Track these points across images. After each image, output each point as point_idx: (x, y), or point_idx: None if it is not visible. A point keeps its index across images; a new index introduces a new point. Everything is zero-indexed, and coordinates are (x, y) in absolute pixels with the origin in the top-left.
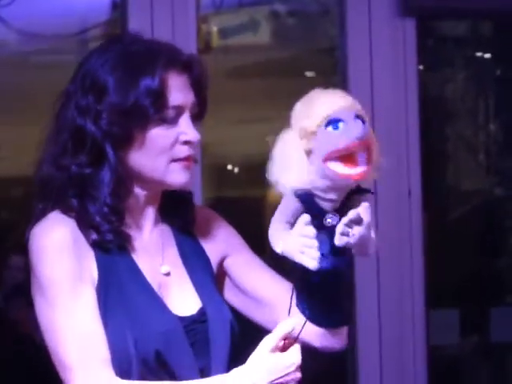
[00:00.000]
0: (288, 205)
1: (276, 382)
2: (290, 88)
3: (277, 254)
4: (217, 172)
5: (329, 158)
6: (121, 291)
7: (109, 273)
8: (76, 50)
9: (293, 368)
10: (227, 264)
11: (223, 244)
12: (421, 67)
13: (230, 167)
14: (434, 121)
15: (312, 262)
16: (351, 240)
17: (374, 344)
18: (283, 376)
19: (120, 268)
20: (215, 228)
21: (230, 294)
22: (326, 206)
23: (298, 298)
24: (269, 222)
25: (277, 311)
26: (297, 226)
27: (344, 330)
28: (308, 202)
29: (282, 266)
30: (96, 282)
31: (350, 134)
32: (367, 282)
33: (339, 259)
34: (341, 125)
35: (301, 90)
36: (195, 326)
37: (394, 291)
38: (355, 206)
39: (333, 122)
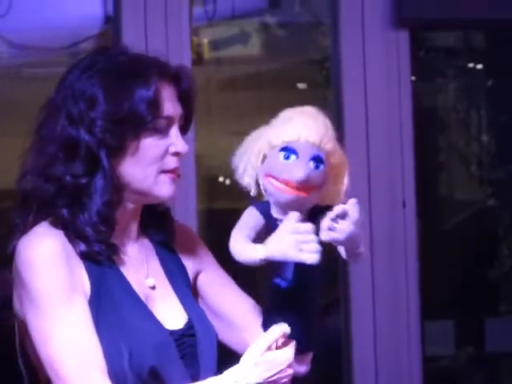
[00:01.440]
0: (247, 218)
1: (269, 379)
2: (281, 100)
3: (238, 266)
4: (208, 184)
5: (267, 175)
6: (113, 303)
7: (100, 285)
8: (67, 62)
9: (285, 365)
10: (199, 281)
11: (198, 261)
12: (413, 78)
13: (221, 179)
14: (427, 131)
15: (314, 256)
16: (339, 235)
17: (369, 355)
18: (276, 373)
19: (110, 280)
20: (192, 244)
21: None
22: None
23: (264, 319)
24: None
25: (246, 333)
26: (286, 224)
27: (309, 355)
28: (269, 216)
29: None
30: (88, 294)
31: (293, 172)
32: (362, 292)
33: (306, 276)
34: (292, 158)
35: (292, 102)
36: (184, 339)
37: (388, 302)
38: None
39: (287, 151)
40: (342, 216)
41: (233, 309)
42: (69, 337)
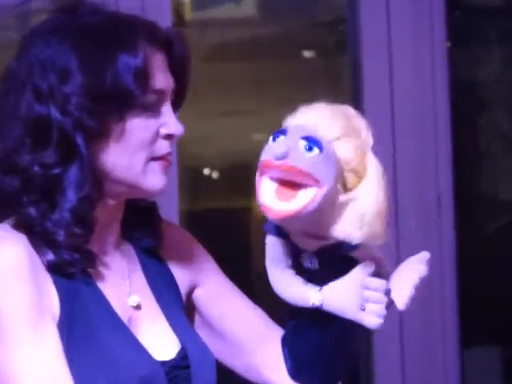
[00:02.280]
0: (270, 250)
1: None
2: (282, 73)
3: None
4: (191, 177)
5: (262, 173)
6: (88, 328)
7: (72, 304)
8: (15, 25)
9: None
10: (197, 295)
11: (195, 270)
12: (448, 44)
13: (206, 171)
14: (465, 111)
15: (376, 320)
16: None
17: None
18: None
19: (85, 298)
20: (185, 249)
21: (200, 334)
22: (301, 243)
23: (284, 343)
24: (255, 240)
25: (258, 358)
26: (355, 275)
27: None
28: (282, 235)
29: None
30: (58, 316)
31: (273, 148)
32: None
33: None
34: (280, 138)
35: (297, 75)
36: (177, 372)
37: (419, 325)
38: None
39: (277, 133)
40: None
41: (242, 328)
42: (35, 370)
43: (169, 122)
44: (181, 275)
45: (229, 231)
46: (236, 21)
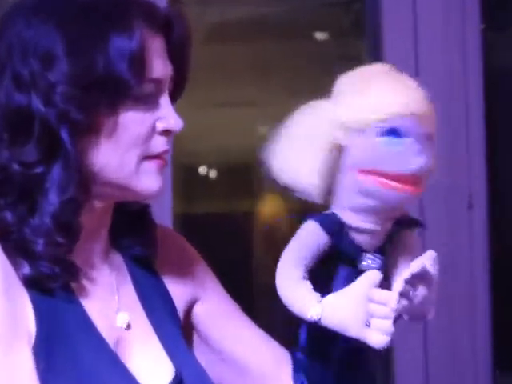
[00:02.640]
0: (307, 239)
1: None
2: (290, 57)
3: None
4: (185, 177)
5: (365, 171)
6: (68, 351)
7: (51, 324)
8: None
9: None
10: (197, 312)
11: (193, 284)
12: (482, 26)
13: (203, 170)
14: (500, 102)
15: (382, 339)
16: (414, 305)
17: None
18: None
19: (65, 317)
20: (182, 259)
21: (198, 354)
22: (362, 241)
23: (295, 366)
24: (258, 249)
25: (264, 382)
26: (359, 286)
27: None
28: (338, 234)
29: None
30: (33, 337)
31: (408, 162)
32: (410, 332)
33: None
34: (401, 143)
35: (307, 59)
36: None
37: (446, 344)
38: (400, 244)
39: (393, 134)
40: (420, 276)
41: (246, 350)
42: None
43: (167, 115)
44: (177, 290)
45: (228, 237)
46: None
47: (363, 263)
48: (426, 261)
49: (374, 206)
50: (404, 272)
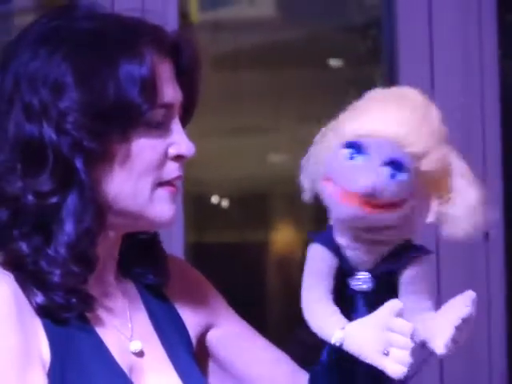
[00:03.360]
0: (316, 262)
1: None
2: (305, 84)
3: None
4: (196, 206)
5: (325, 179)
6: (83, 379)
7: (65, 352)
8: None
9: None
10: (212, 339)
11: (206, 311)
12: (499, 52)
13: (215, 199)
14: None
15: (398, 368)
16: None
17: None
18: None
19: (80, 345)
20: (194, 287)
21: (214, 380)
22: (353, 258)
23: None
24: (271, 278)
25: None
26: (379, 314)
27: None
28: (337, 249)
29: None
30: (48, 365)
31: (356, 180)
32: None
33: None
34: (359, 158)
35: (321, 87)
36: None
37: (464, 369)
38: (408, 274)
39: (353, 147)
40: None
41: (265, 373)
42: None
43: (179, 140)
44: (190, 317)
45: (241, 267)
46: (251, 23)
47: (354, 283)
48: (469, 303)
49: (335, 218)
50: (449, 316)
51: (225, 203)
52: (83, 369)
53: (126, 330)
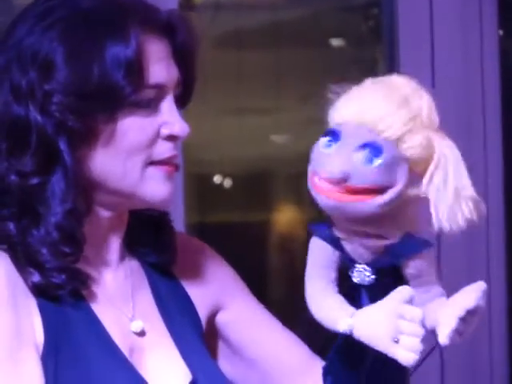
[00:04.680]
0: (316, 253)
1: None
2: (307, 62)
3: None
4: (199, 186)
5: (310, 170)
6: (78, 359)
7: (59, 332)
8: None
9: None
10: (222, 320)
11: (217, 290)
12: (500, 32)
13: (217, 179)
14: None
15: (409, 356)
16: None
17: None
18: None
19: (75, 325)
20: (205, 266)
21: (225, 364)
22: (350, 250)
23: (325, 371)
24: (273, 258)
25: None
26: (389, 301)
27: None
28: (335, 241)
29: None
30: (41, 346)
31: (326, 162)
32: (427, 375)
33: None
34: (333, 145)
35: (323, 66)
36: None
37: (462, 370)
38: (412, 266)
39: (330, 135)
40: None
41: (277, 356)
42: None
43: (171, 120)
44: (199, 296)
45: (243, 248)
46: (253, 2)
47: (355, 276)
48: (478, 294)
49: (323, 209)
50: (455, 307)
51: (227, 183)
52: (79, 349)
53: (127, 310)
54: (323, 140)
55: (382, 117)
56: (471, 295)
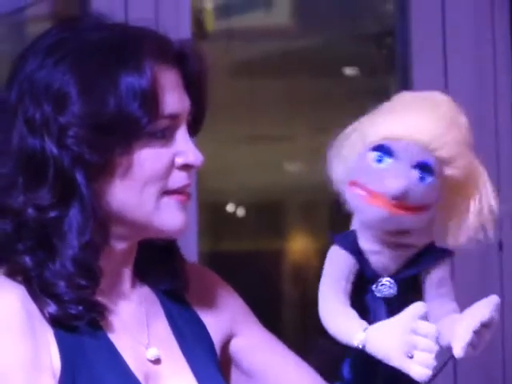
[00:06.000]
0: (335, 264)
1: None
2: (320, 93)
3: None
4: (212, 214)
5: (351, 182)
6: None
7: (76, 360)
8: (8, 36)
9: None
10: (235, 347)
11: (229, 318)
12: None
13: (230, 208)
14: None
15: (423, 371)
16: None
17: None
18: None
19: (92, 353)
20: (217, 294)
21: None
22: (375, 262)
23: None
24: (286, 287)
25: None
26: (403, 317)
27: None
28: (358, 253)
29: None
30: (58, 373)
31: (386, 182)
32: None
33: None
34: (387, 161)
35: (336, 95)
36: None
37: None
38: (430, 277)
39: (381, 151)
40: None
41: (289, 381)
42: None
43: (185, 149)
44: (213, 323)
45: (256, 277)
46: (266, 31)
47: (377, 289)
48: (492, 307)
49: (362, 221)
50: (469, 320)
51: (240, 212)
52: (95, 376)
53: (142, 338)
54: (373, 154)
55: (436, 137)
56: (485, 309)
